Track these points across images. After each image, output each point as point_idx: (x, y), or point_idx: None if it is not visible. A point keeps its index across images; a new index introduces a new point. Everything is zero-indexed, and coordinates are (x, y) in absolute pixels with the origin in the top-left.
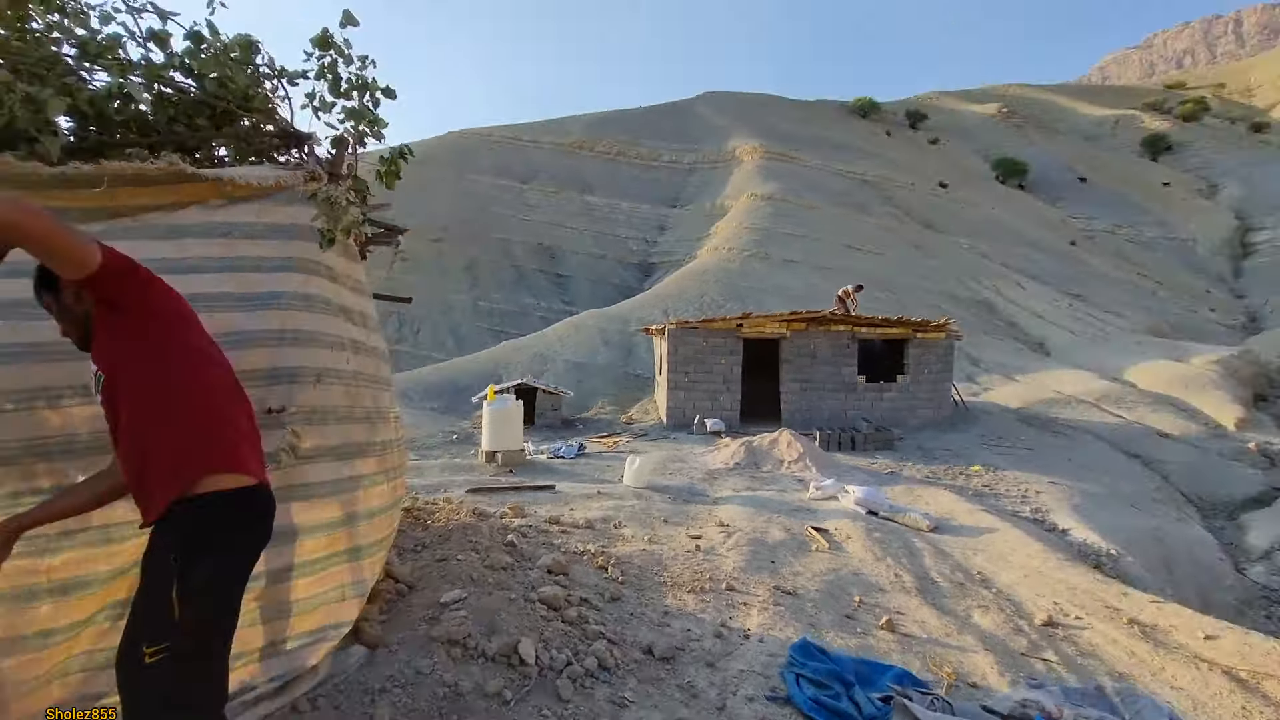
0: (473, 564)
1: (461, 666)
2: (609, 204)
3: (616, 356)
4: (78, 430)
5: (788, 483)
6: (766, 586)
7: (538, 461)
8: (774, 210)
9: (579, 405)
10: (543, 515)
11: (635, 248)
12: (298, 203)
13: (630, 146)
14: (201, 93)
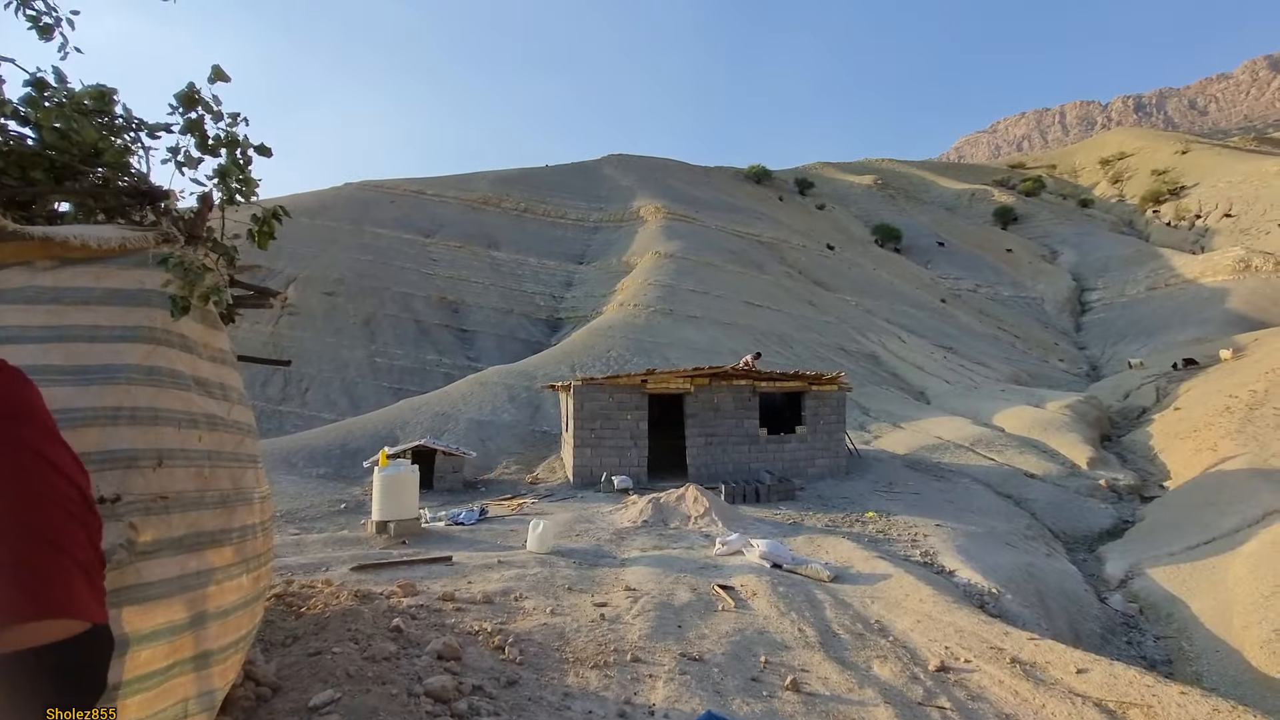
0: (350, 656)
1: None
2: (516, 259)
3: (523, 414)
4: None
5: (695, 539)
6: (672, 654)
7: (434, 530)
8: (677, 268)
9: (483, 465)
10: (436, 592)
11: (542, 303)
12: (147, 266)
13: (538, 204)
14: (39, 144)
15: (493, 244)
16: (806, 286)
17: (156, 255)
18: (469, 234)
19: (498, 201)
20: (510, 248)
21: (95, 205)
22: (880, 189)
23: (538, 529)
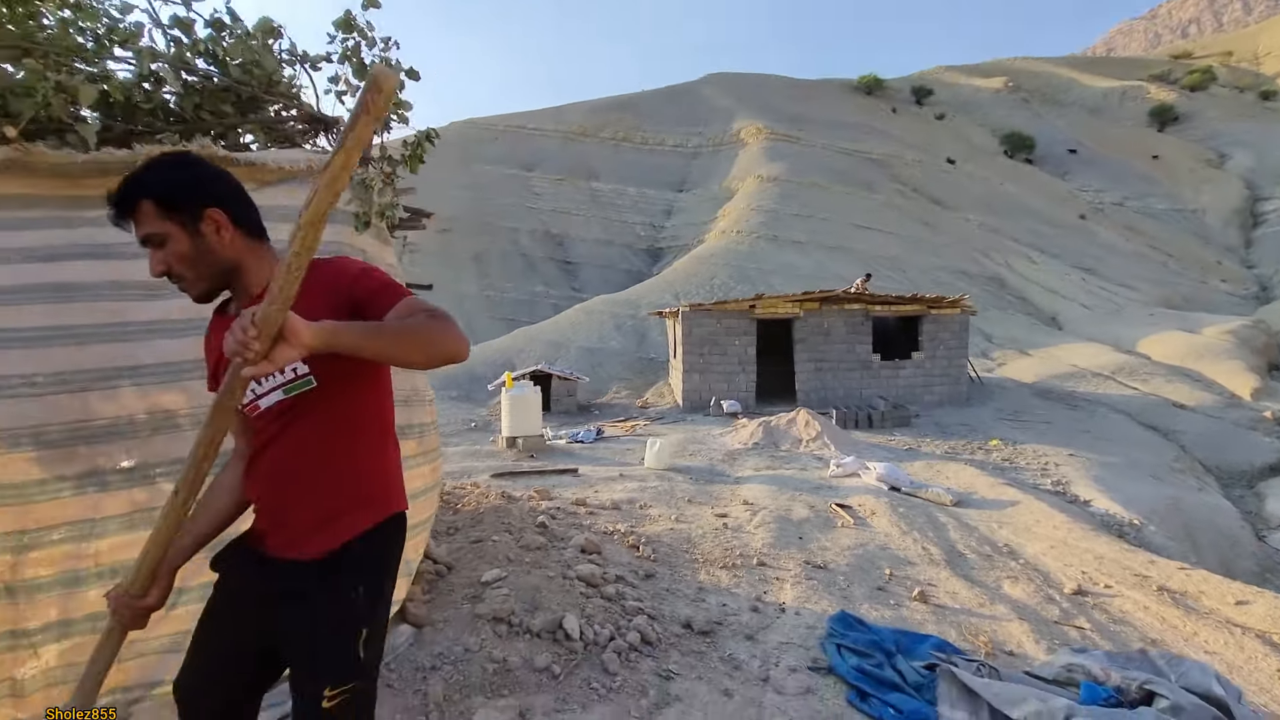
0: (508, 545)
1: (508, 642)
2: (615, 190)
3: (629, 341)
4: (131, 414)
5: (807, 461)
6: (796, 561)
7: (557, 446)
8: (780, 191)
9: (594, 390)
10: (568, 498)
11: (643, 233)
12: None
13: (635, 131)
14: (226, 79)
15: (592, 175)
16: (921, 205)
17: None
18: (569, 166)
19: (595, 132)
20: (609, 178)
21: (273, 135)
22: (1011, 92)
23: (655, 446)
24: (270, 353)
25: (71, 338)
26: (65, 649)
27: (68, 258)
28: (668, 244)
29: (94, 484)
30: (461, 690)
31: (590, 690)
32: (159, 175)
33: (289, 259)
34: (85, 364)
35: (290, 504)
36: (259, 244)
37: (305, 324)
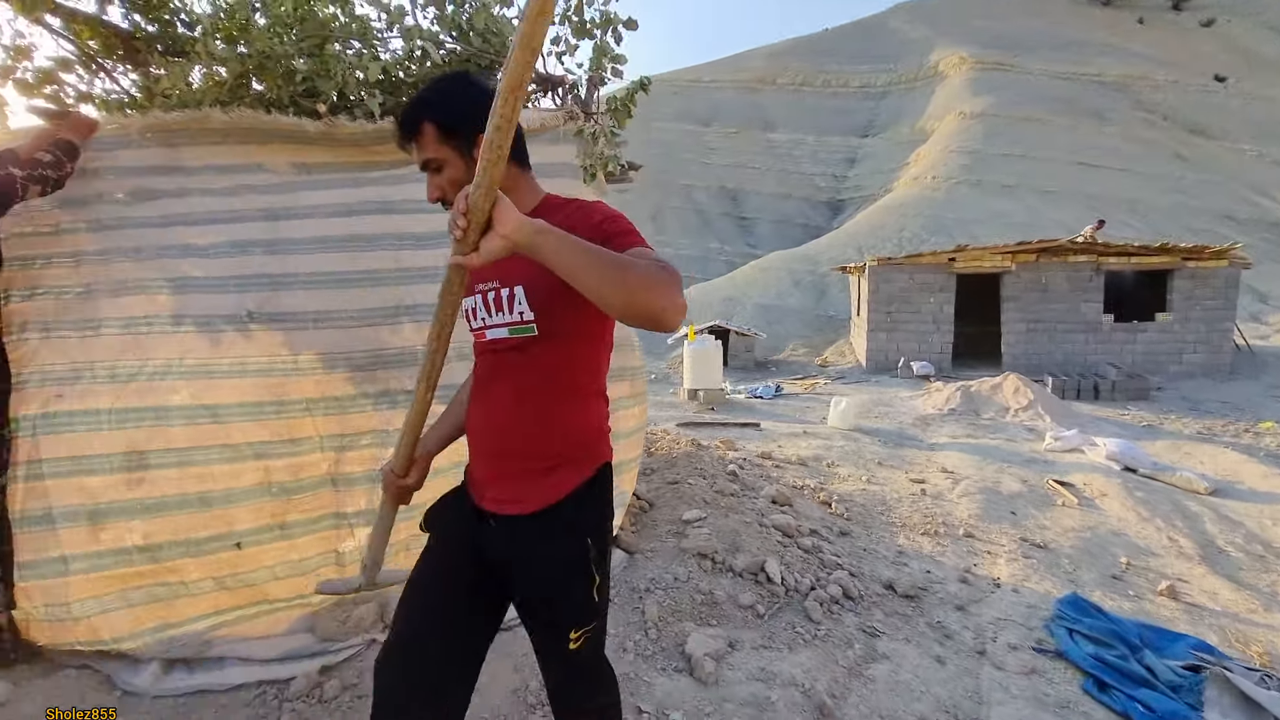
0: (703, 489)
1: (713, 578)
2: (793, 140)
3: (808, 298)
4: (413, 345)
5: (1015, 431)
6: (1010, 537)
7: (737, 401)
8: (986, 129)
9: (771, 347)
10: (753, 450)
11: (822, 184)
12: (560, 142)
13: (816, 74)
14: (469, 49)
15: (768, 125)
16: (1174, 135)
17: (567, 131)
18: (745, 117)
19: (773, 78)
20: (787, 128)
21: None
22: None
23: (839, 405)
24: (480, 244)
25: (367, 280)
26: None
27: (359, 213)
28: (850, 195)
29: (387, 402)
30: (674, 614)
31: (795, 633)
32: (441, 97)
33: (489, 134)
34: (376, 303)
35: (510, 454)
36: (525, 173)
37: (513, 214)
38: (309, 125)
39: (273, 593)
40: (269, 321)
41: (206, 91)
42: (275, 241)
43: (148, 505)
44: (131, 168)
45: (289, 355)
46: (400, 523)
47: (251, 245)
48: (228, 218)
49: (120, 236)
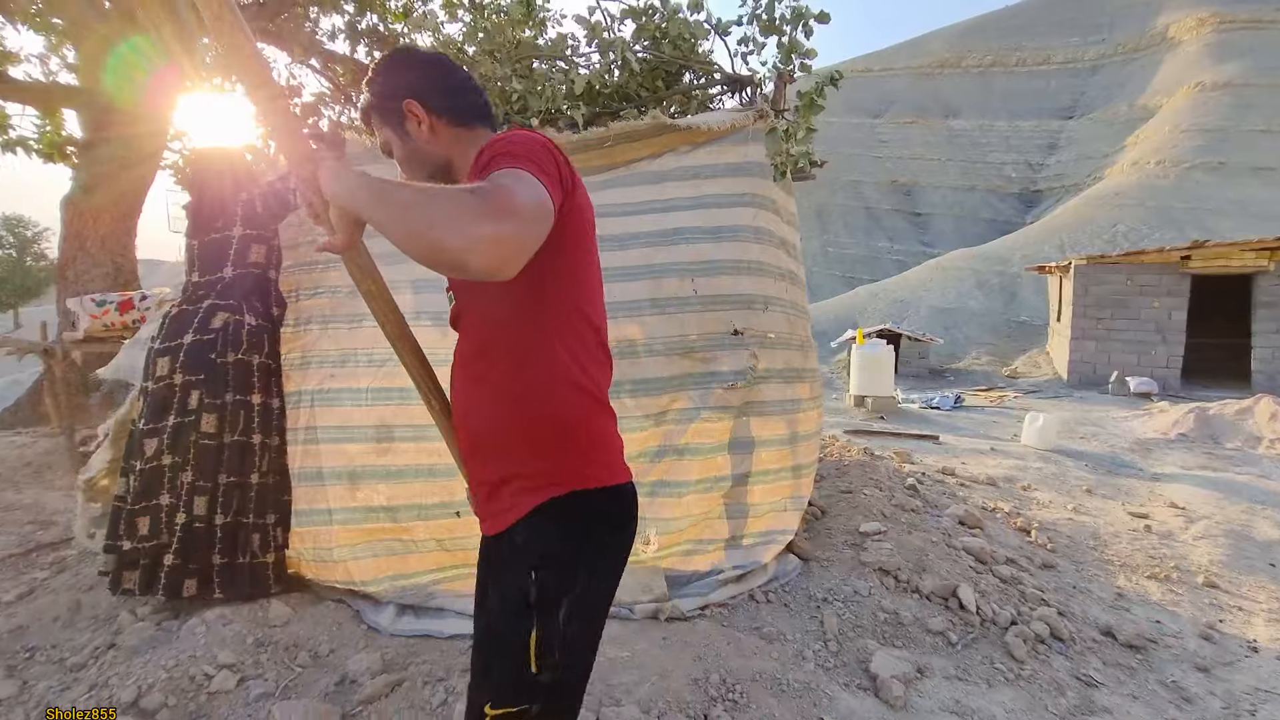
0: (880, 500)
1: (897, 596)
2: (979, 126)
3: (994, 301)
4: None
5: (1270, 467)
6: (1270, 593)
7: (909, 411)
8: (1233, 101)
9: (948, 354)
10: (932, 465)
11: (1014, 174)
12: (749, 141)
13: (1008, 53)
14: (660, 56)
15: (950, 113)
16: None
17: (757, 130)
18: (921, 106)
19: (956, 61)
20: (972, 114)
21: (689, 101)
22: None
23: (1037, 422)
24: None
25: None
26: None
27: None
28: (1048, 185)
29: None
30: (855, 629)
31: (994, 669)
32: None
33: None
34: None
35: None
36: (469, 130)
37: (327, 171)
38: None
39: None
40: None
41: None
42: None
43: (391, 472)
44: None
45: None
46: None
47: None
48: None
49: (376, 244)
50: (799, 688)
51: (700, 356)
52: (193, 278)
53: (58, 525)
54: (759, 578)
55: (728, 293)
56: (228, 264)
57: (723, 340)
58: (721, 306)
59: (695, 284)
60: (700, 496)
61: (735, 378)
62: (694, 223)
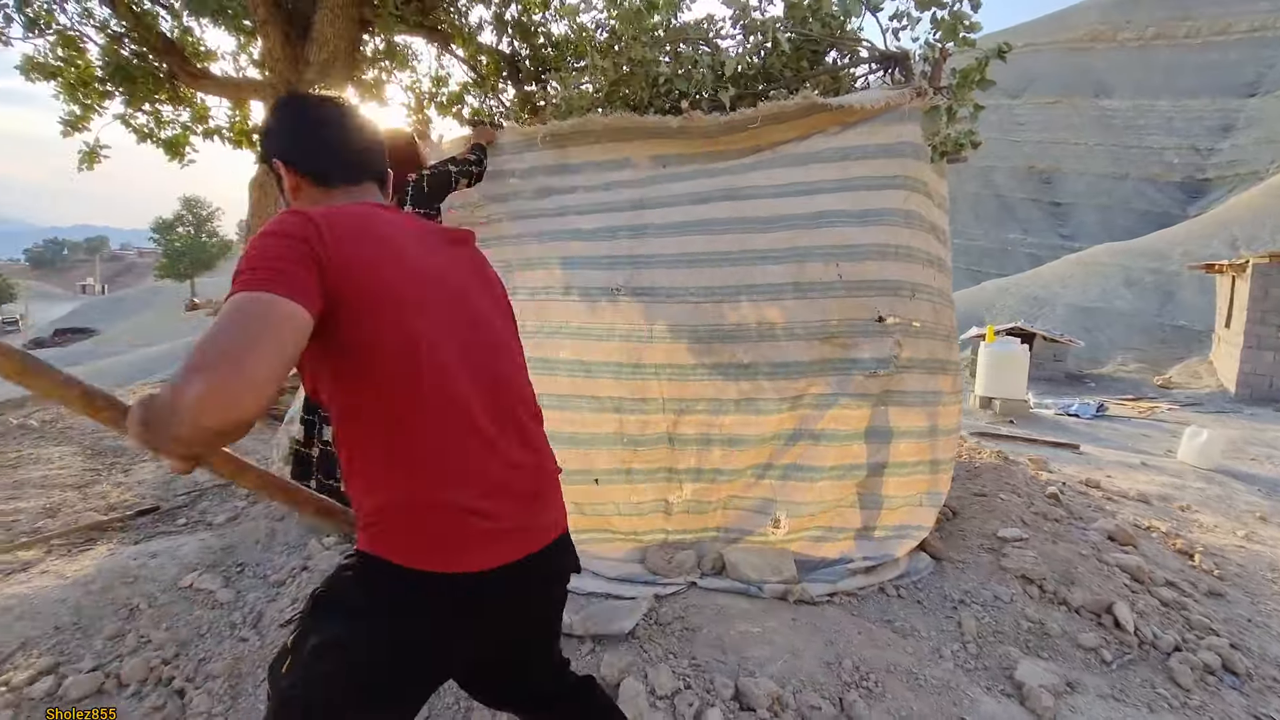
0: (1017, 506)
1: (1042, 607)
2: (1135, 106)
3: (1146, 302)
4: (748, 323)
5: None
6: None
7: (1042, 416)
8: None
9: (1087, 358)
10: (1072, 475)
11: (1176, 160)
12: (903, 121)
13: (1175, 23)
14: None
15: (1101, 91)
16: None
17: (913, 109)
18: (1067, 84)
19: (1110, 35)
20: (1126, 92)
21: (834, 81)
22: None
23: (1198, 438)
24: None
25: (713, 261)
26: (696, 488)
27: (711, 200)
28: (1219, 173)
29: (720, 373)
30: (995, 634)
31: (1155, 694)
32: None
33: None
34: (720, 281)
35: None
36: (329, 194)
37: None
38: (672, 120)
39: (615, 525)
40: (632, 295)
41: (576, 100)
42: (640, 227)
43: None
44: (534, 167)
45: (645, 325)
46: None
47: (620, 230)
48: (603, 208)
49: (529, 224)
50: (937, 685)
51: (841, 342)
52: None
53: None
54: (890, 571)
55: (873, 278)
56: None
57: (866, 327)
58: (866, 292)
59: (840, 268)
60: (833, 483)
61: (877, 365)
62: (840, 205)
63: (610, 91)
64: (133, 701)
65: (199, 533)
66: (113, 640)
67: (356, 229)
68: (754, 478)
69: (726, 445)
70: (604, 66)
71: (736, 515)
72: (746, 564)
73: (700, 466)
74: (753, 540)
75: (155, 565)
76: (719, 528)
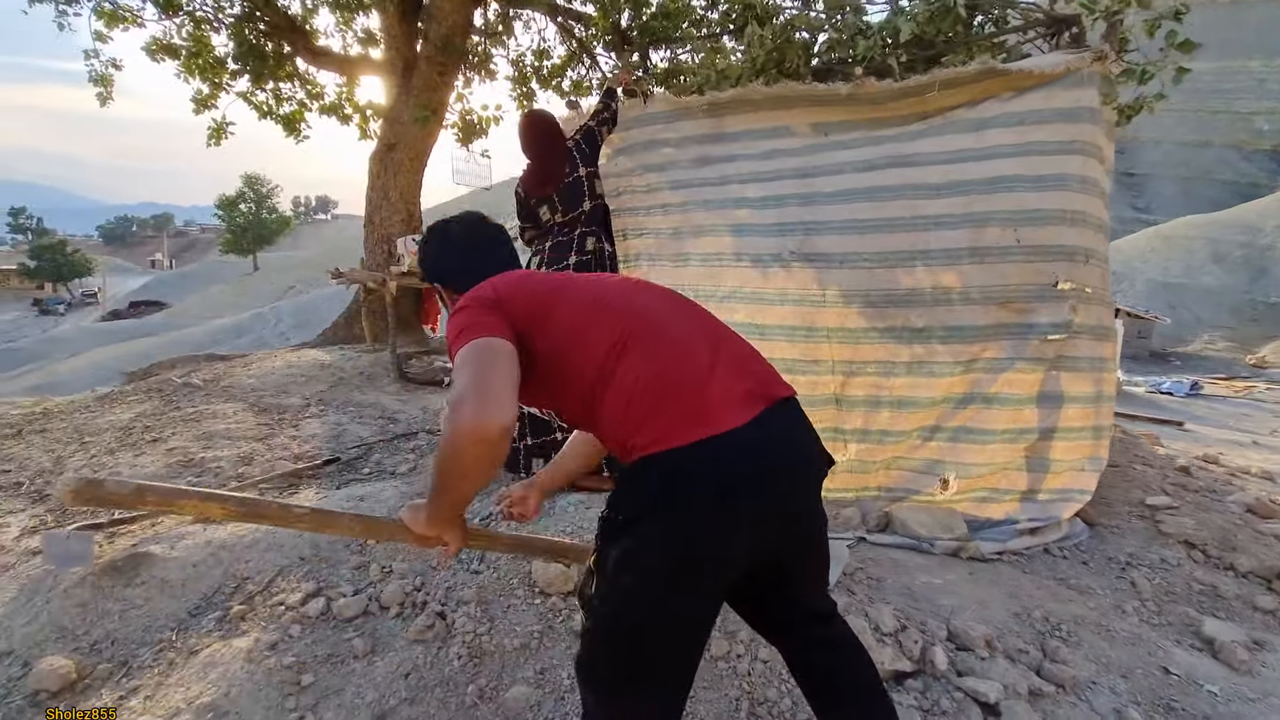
0: (1154, 477)
1: (1209, 571)
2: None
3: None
4: (923, 287)
5: None
6: None
7: (1133, 393)
8: None
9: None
10: (1184, 451)
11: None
12: (1082, 85)
13: None
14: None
15: None
16: None
17: (1092, 74)
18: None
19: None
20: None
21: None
22: None
23: None
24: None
25: (886, 227)
26: (860, 448)
27: (879, 167)
28: None
29: (892, 337)
30: (1168, 595)
31: None
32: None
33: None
34: (893, 247)
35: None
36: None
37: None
38: (842, 88)
39: None
40: (804, 260)
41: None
42: (809, 195)
43: None
44: (687, 136)
45: (818, 289)
46: None
47: (788, 198)
48: (768, 176)
49: (693, 192)
50: (1128, 637)
51: (1017, 307)
52: (555, 218)
53: (399, 421)
54: (1053, 533)
55: (1051, 243)
56: (584, 198)
57: (1042, 291)
58: (1044, 257)
59: (1019, 233)
60: (1005, 446)
61: (1053, 330)
62: (1018, 170)
63: (765, 60)
64: (398, 622)
65: (387, 480)
66: (358, 570)
67: (516, 282)
68: (920, 440)
69: (895, 407)
70: (763, 35)
71: (899, 475)
72: (916, 521)
73: (867, 427)
74: (918, 500)
75: (367, 508)
76: (880, 487)
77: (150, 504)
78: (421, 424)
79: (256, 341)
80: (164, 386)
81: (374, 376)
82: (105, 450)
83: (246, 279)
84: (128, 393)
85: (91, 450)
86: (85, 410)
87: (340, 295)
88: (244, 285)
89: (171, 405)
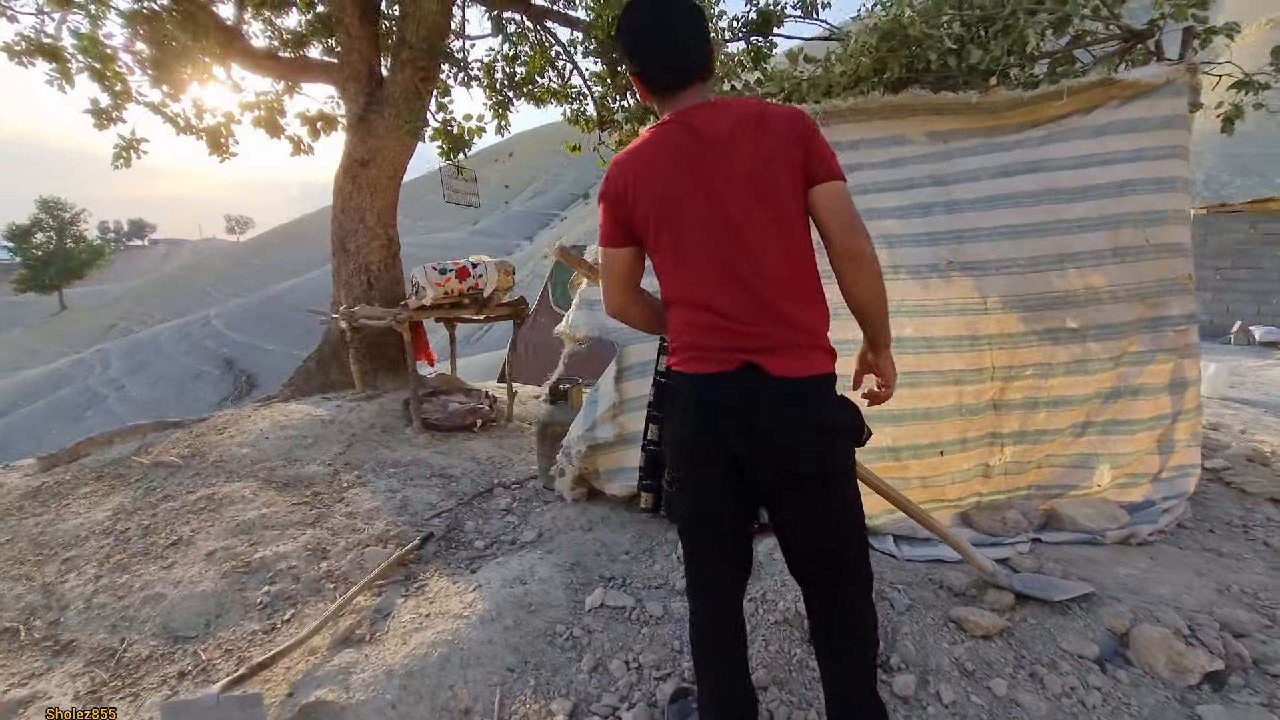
0: None
1: None
2: None
3: None
4: (1075, 289)
5: None
6: None
7: None
8: None
9: None
10: None
11: None
12: (1178, 95)
13: None
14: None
15: None
16: None
17: (1184, 84)
18: None
19: None
20: None
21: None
22: None
23: (1207, 371)
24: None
25: (1033, 232)
26: (1017, 450)
27: (1014, 174)
28: None
29: (1049, 339)
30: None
31: None
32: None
33: None
34: (1042, 251)
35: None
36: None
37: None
38: (971, 96)
39: (949, 494)
40: (961, 269)
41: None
42: (951, 203)
43: (894, 416)
44: None
45: (978, 297)
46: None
47: (933, 206)
48: (898, 185)
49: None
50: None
51: (1152, 302)
52: None
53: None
54: (1180, 508)
55: (1172, 241)
56: None
57: (1171, 286)
58: (1170, 254)
59: (1147, 234)
60: (1149, 434)
61: (1184, 321)
62: (1139, 175)
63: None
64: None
65: (514, 553)
66: (594, 673)
67: (635, 175)
68: (1072, 436)
69: (1051, 407)
70: (871, 44)
71: (1051, 472)
72: (1081, 515)
73: (1024, 429)
74: (1075, 494)
75: (540, 591)
76: (1031, 485)
77: None
78: (485, 478)
79: (83, 392)
80: (125, 471)
81: (390, 428)
82: (111, 567)
83: (52, 320)
84: (70, 484)
85: (86, 568)
86: (20, 513)
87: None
88: (51, 328)
89: (155, 493)
